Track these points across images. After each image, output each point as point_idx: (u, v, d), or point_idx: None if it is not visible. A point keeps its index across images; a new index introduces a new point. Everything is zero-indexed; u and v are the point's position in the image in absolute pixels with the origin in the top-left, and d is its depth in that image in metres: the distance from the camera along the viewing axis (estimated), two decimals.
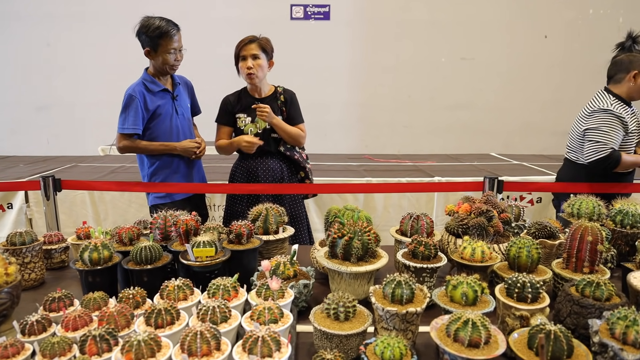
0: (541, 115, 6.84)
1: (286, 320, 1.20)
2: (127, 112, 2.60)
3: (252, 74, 2.61)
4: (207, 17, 6.44)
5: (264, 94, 2.76)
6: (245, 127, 2.70)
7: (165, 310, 1.21)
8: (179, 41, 2.62)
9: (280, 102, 2.75)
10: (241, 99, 2.75)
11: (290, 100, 2.78)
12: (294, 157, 2.76)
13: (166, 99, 2.69)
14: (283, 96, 2.77)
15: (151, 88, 2.64)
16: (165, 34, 2.54)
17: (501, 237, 1.71)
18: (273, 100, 2.74)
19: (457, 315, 1.05)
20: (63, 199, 3.45)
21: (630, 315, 1.04)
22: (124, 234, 1.69)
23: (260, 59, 2.61)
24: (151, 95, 2.63)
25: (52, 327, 1.25)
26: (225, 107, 2.76)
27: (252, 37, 2.64)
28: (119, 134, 2.64)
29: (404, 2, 6.45)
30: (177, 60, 2.63)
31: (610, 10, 6.56)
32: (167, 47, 2.56)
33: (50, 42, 6.44)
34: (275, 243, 1.75)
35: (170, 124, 2.69)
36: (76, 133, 6.67)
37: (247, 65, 2.60)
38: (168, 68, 2.64)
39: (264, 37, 2.68)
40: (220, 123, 2.79)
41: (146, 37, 2.58)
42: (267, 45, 2.65)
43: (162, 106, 2.66)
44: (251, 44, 2.61)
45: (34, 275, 1.73)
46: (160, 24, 2.56)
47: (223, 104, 2.78)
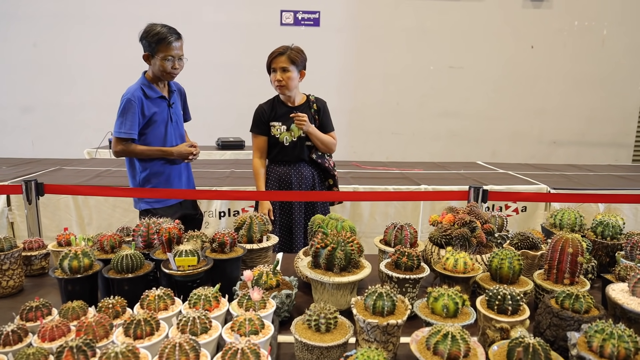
0: (527, 124, 6.94)
1: (267, 331, 1.19)
2: (125, 116, 2.59)
3: (282, 87, 2.67)
4: (197, 21, 6.42)
5: (297, 102, 2.81)
6: (281, 136, 2.75)
7: (145, 320, 1.19)
8: (179, 49, 2.61)
9: (314, 111, 2.81)
10: (275, 107, 2.79)
11: (323, 109, 2.85)
12: (324, 165, 2.83)
13: (162, 106, 2.69)
14: (316, 105, 2.83)
15: (149, 94, 2.64)
16: (163, 40, 2.54)
17: (484, 248, 1.72)
18: (306, 108, 2.80)
19: (437, 328, 1.05)
20: (46, 202, 3.40)
21: (607, 328, 1.05)
22: (106, 241, 1.67)
23: (289, 71, 2.65)
24: (148, 102, 2.63)
25: (29, 337, 1.23)
26: (260, 116, 2.79)
27: (282, 49, 2.67)
28: (115, 137, 2.62)
29: (394, 10, 6.50)
30: (175, 68, 2.61)
31: (594, 22, 6.68)
32: (165, 53, 2.56)
33: (36, 43, 6.37)
34: (259, 252, 1.74)
35: (164, 131, 2.69)
36: (62, 135, 6.59)
37: (277, 78, 2.66)
38: (165, 75, 2.63)
39: (296, 47, 2.70)
40: (255, 133, 2.81)
41: (146, 42, 2.60)
42: (297, 57, 2.67)
43: (158, 113, 2.66)
44: (281, 56, 2.64)
45: (13, 283, 1.70)
46: (160, 30, 2.56)
47: (257, 113, 2.81)
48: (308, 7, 6.38)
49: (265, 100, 2.86)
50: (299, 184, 2.79)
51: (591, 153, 6.99)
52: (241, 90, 5.97)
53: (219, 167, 4.34)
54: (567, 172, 4.46)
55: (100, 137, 5.49)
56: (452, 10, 6.54)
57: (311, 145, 2.80)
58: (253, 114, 2.84)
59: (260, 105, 2.83)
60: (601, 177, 4.23)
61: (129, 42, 6.42)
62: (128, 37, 6.38)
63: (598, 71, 6.80)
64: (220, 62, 6.46)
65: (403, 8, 6.50)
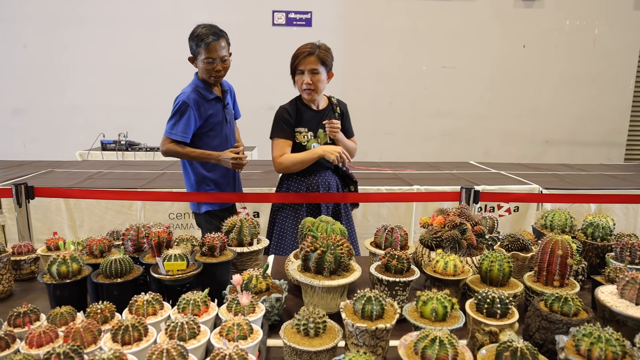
0: (519, 124, 6.97)
1: (255, 336, 1.19)
2: (179, 118, 2.52)
3: (311, 91, 2.43)
4: (189, 22, 6.35)
5: (321, 106, 2.59)
6: (308, 143, 2.53)
7: (133, 326, 1.19)
8: (221, 50, 2.47)
9: (338, 115, 2.61)
10: (300, 111, 2.53)
11: (346, 112, 2.68)
12: (347, 172, 2.70)
13: (217, 107, 2.64)
14: (339, 108, 2.64)
15: (205, 95, 2.57)
16: (202, 41, 2.44)
17: (475, 250, 1.72)
18: (330, 112, 2.60)
19: (425, 333, 1.05)
20: (37, 205, 3.38)
21: (595, 332, 1.06)
22: (95, 245, 1.66)
23: (319, 73, 2.39)
24: (204, 103, 2.56)
25: (16, 343, 1.22)
26: (285, 121, 2.50)
27: (310, 48, 2.39)
28: (166, 137, 2.56)
29: (386, 11, 6.51)
30: (218, 70, 2.50)
31: (586, 22, 6.72)
32: (206, 55, 2.46)
33: (26, 44, 6.32)
34: (249, 255, 1.74)
35: (221, 133, 2.64)
36: (53, 137, 6.56)
37: (306, 81, 2.39)
38: (208, 77, 2.54)
39: (324, 46, 2.43)
40: (280, 137, 2.50)
41: (189, 44, 2.53)
42: (327, 57, 2.41)
43: (215, 115, 2.61)
44: (310, 57, 2.37)
45: (1, 288, 1.68)
46: (200, 31, 2.45)
47: (281, 117, 2.51)
48: (300, 7, 6.38)
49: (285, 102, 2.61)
50: (327, 192, 2.62)
51: (583, 152, 7.04)
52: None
53: None
54: (559, 171, 4.49)
55: (92, 138, 5.46)
56: (444, 10, 6.56)
57: None
58: (274, 117, 2.56)
59: (283, 108, 2.53)
60: (593, 177, 4.26)
61: (121, 44, 6.47)
62: (120, 38, 6.42)
63: (590, 70, 6.84)
64: None
65: (395, 8, 6.51)
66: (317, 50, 2.39)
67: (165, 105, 7.21)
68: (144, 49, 6.40)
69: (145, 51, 6.41)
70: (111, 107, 6.48)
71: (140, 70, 6.43)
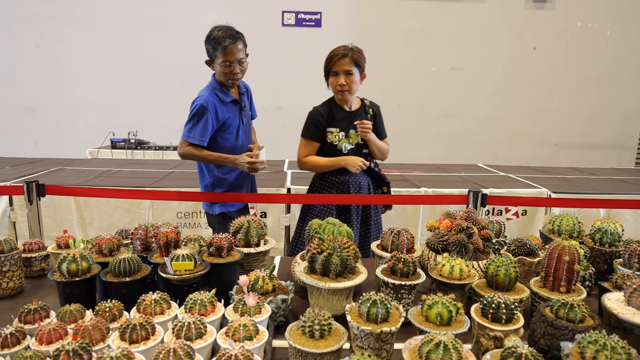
0: (529, 126, 6.93)
1: (261, 337, 1.20)
2: (197, 122, 2.50)
3: (345, 92, 2.50)
4: (199, 22, 6.41)
5: (354, 107, 2.64)
6: (339, 143, 2.58)
7: (141, 325, 1.20)
8: (238, 52, 2.45)
9: (370, 116, 2.65)
10: (332, 112, 2.59)
11: (378, 114, 2.71)
12: (380, 173, 2.73)
13: (235, 110, 2.63)
14: (372, 109, 2.68)
15: (222, 98, 2.56)
16: (219, 44, 2.41)
17: (481, 254, 1.72)
18: (363, 113, 2.64)
19: (429, 337, 1.05)
20: (48, 202, 3.42)
21: (600, 339, 1.05)
22: (104, 244, 1.68)
23: (353, 74, 2.47)
24: (222, 106, 2.55)
25: (27, 339, 1.24)
26: (316, 121, 2.57)
27: (344, 50, 2.47)
28: (183, 140, 2.54)
29: (395, 12, 6.50)
30: (235, 72, 2.48)
31: (598, 23, 6.67)
32: (223, 58, 2.43)
33: (38, 43, 6.40)
34: (256, 256, 1.75)
35: (237, 135, 2.64)
36: (64, 135, 6.63)
37: (340, 82, 2.47)
38: (225, 80, 2.53)
39: (356, 48, 2.50)
40: (308, 138, 2.60)
41: (206, 47, 2.51)
42: (360, 59, 2.49)
43: (232, 118, 2.59)
44: (344, 58, 2.45)
45: (12, 284, 1.71)
46: (217, 34, 2.43)
47: (313, 117, 2.59)
48: (309, 8, 6.39)
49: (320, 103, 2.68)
50: (357, 192, 2.65)
51: (593, 155, 6.98)
52: None
53: None
54: (568, 175, 4.46)
55: (102, 137, 5.52)
56: (454, 12, 6.54)
57: (367, 153, 2.65)
58: (306, 117, 2.63)
59: (316, 109, 2.61)
60: (603, 181, 4.22)
61: (132, 43, 6.52)
62: (131, 38, 6.48)
63: (601, 73, 6.79)
64: None
65: (404, 9, 6.50)
66: (351, 52, 2.46)
67: (175, 104, 7.28)
68: (154, 49, 6.46)
69: (156, 51, 6.46)
70: (121, 106, 6.54)
71: (151, 69, 6.49)
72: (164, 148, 5.40)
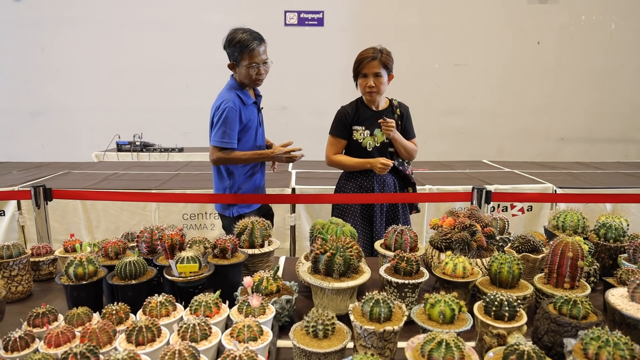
0: (534, 121, 6.90)
1: (265, 337, 1.21)
2: (228, 126, 2.51)
3: (374, 93, 2.56)
4: (200, 22, 6.47)
5: (381, 106, 2.70)
6: (364, 141, 2.64)
7: (147, 327, 1.22)
8: (263, 54, 2.53)
9: (397, 116, 2.70)
10: (359, 110, 2.67)
11: (406, 114, 2.75)
12: (405, 172, 2.73)
13: (254, 111, 2.68)
14: (399, 110, 2.72)
15: (244, 100, 2.60)
16: (246, 47, 2.46)
17: (485, 251, 1.72)
18: (390, 113, 2.69)
19: (431, 336, 1.06)
20: (55, 206, 3.45)
21: (603, 335, 1.05)
22: (110, 248, 1.70)
23: (381, 76, 2.53)
24: (244, 108, 2.60)
25: (35, 343, 1.26)
26: (343, 119, 2.67)
27: (373, 53, 2.53)
28: (214, 146, 2.55)
29: (398, 9, 6.49)
30: (260, 74, 2.55)
31: (602, 16, 6.62)
32: (249, 61, 2.49)
33: (44, 47, 6.44)
34: (260, 257, 1.76)
35: (256, 136, 2.69)
36: (71, 138, 6.69)
37: (369, 84, 2.53)
38: (250, 82, 2.58)
39: (385, 50, 2.56)
40: (335, 135, 2.69)
41: (229, 51, 2.54)
42: (389, 61, 2.55)
43: (253, 120, 2.64)
44: (373, 61, 2.51)
45: (21, 288, 1.73)
46: (241, 37, 2.47)
47: (340, 115, 2.68)
48: (312, 7, 6.39)
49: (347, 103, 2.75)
50: (381, 192, 2.69)
51: (600, 149, 6.93)
52: None
53: None
54: (574, 170, 4.44)
55: (108, 139, 5.56)
56: (456, 8, 6.51)
57: (393, 152, 2.69)
58: (334, 116, 2.72)
59: (344, 108, 2.70)
60: (609, 175, 4.20)
61: (135, 46, 6.56)
62: (134, 40, 6.51)
63: (606, 66, 6.73)
64: (224, 64, 6.48)
65: (406, 6, 6.49)
66: (380, 54, 2.52)
67: (179, 106, 7.31)
68: (158, 51, 6.49)
69: (159, 52, 6.49)
70: (126, 109, 6.59)
71: (154, 71, 6.52)
72: (169, 150, 5.43)
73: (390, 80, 2.63)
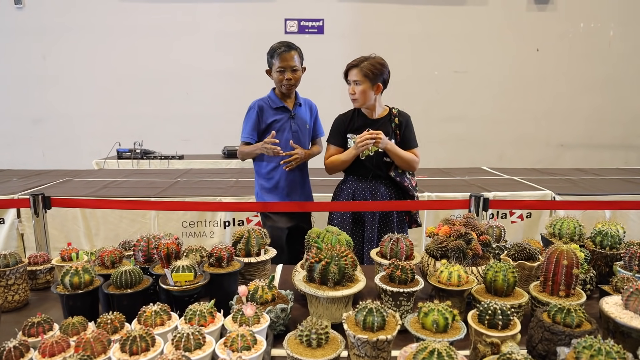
0: (534, 127, 6.90)
1: (259, 347, 1.21)
2: (246, 122, 2.83)
3: (354, 100, 2.62)
4: (203, 31, 6.51)
5: (378, 115, 2.68)
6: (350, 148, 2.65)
7: (141, 337, 1.22)
8: (290, 60, 2.68)
9: (395, 125, 2.66)
10: (354, 119, 2.70)
11: (406, 124, 2.69)
12: (403, 184, 2.67)
13: (283, 115, 2.82)
14: (398, 119, 2.68)
15: (271, 104, 2.82)
16: (274, 52, 2.70)
17: (481, 259, 1.72)
18: (386, 122, 2.67)
19: (424, 345, 1.06)
20: (55, 214, 3.46)
21: (595, 344, 1.05)
22: (106, 256, 1.70)
23: (360, 84, 2.55)
24: (270, 110, 2.80)
25: (30, 352, 1.26)
26: (337, 127, 2.72)
27: (356, 61, 2.57)
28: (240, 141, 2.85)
29: (397, 16, 6.52)
30: (288, 79, 2.70)
31: (600, 24, 6.64)
32: (278, 65, 2.69)
33: (45, 55, 6.49)
34: (256, 265, 1.76)
35: (282, 138, 2.77)
36: (71, 145, 6.71)
37: (349, 91, 2.62)
38: (280, 86, 2.76)
39: (372, 60, 2.56)
40: (331, 143, 2.73)
41: (268, 57, 2.78)
42: (371, 70, 2.54)
43: (278, 121, 2.80)
44: (353, 69, 2.57)
45: (18, 297, 1.74)
46: (275, 45, 2.73)
47: (335, 123, 2.75)
48: (312, 15, 6.43)
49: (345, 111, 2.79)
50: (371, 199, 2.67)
51: (600, 156, 6.93)
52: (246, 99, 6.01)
53: (225, 177, 4.38)
54: (573, 176, 4.43)
55: (108, 147, 5.57)
56: (456, 15, 6.54)
57: (390, 162, 2.64)
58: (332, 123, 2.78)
59: (340, 116, 2.76)
60: (608, 182, 4.20)
61: (136, 53, 6.59)
62: (135, 48, 6.55)
63: (605, 72, 6.75)
64: (225, 71, 6.54)
65: (406, 14, 6.52)
66: (362, 63, 2.55)
67: (180, 114, 7.32)
68: (159, 58, 6.52)
69: (160, 60, 6.53)
70: (127, 116, 6.61)
71: (155, 79, 6.55)
72: (169, 157, 5.45)
73: (378, 90, 2.60)
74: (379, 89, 2.60)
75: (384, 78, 2.61)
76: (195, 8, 6.44)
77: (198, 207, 3.07)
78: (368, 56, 2.59)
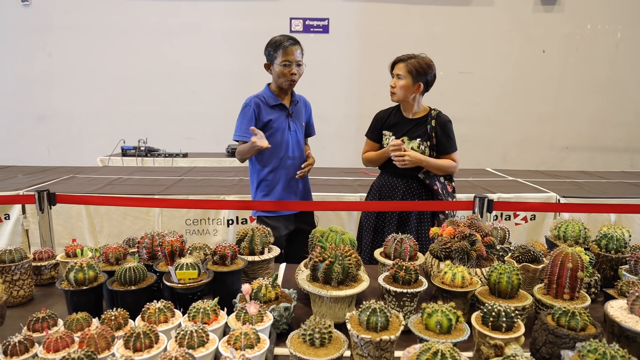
0: (539, 129, 6.87)
1: (262, 345, 1.21)
2: (240, 120, 2.71)
3: (392, 94, 2.65)
4: (207, 30, 6.51)
5: (415, 114, 2.69)
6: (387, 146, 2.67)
7: (144, 333, 1.22)
8: (296, 53, 2.61)
9: (430, 127, 2.63)
10: (391, 115, 2.74)
11: (443, 127, 2.64)
12: (432, 187, 2.64)
13: (281, 113, 2.72)
14: (435, 121, 2.63)
15: (267, 101, 2.70)
16: (279, 45, 2.59)
17: (485, 261, 1.72)
18: (422, 123, 2.65)
19: (427, 346, 1.06)
20: (59, 210, 3.48)
21: (600, 348, 1.05)
22: (111, 253, 1.71)
23: (402, 79, 2.58)
24: (267, 108, 2.69)
25: (35, 347, 1.27)
26: (375, 122, 2.78)
27: (404, 56, 2.63)
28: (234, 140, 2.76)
29: (403, 17, 6.51)
30: (293, 73, 2.62)
31: (608, 25, 6.60)
32: (283, 58, 2.59)
33: (51, 52, 6.51)
34: (260, 264, 1.77)
35: (281, 138, 2.71)
36: (76, 142, 6.74)
37: (390, 84, 2.64)
38: (283, 81, 2.65)
39: (419, 58, 2.61)
40: (368, 137, 2.81)
41: (266, 52, 2.67)
42: (415, 68, 2.57)
43: (276, 120, 2.69)
44: (400, 63, 2.62)
45: (23, 292, 1.74)
46: (277, 38, 2.63)
47: (375, 118, 2.80)
48: (317, 14, 6.43)
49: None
50: (405, 198, 2.66)
51: (605, 158, 6.89)
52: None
53: (228, 175, 4.38)
54: (578, 179, 4.42)
55: (113, 144, 5.59)
56: (461, 16, 6.52)
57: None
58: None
59: (380, 111, 2.80)
60: (613, 185, 4.18)
61: (141, 51, 6.61)
62: (140, 46, 6.57)
63: (612, 75, 6.71)
64: (229, 70, 6.55)
65: (411, 14, 6.50)
66: (409, 59, 2.60)
67: (184, 112, 7.33)
68: (164, 57, 6.54)
69: (165, 59, 6.54)
70: (131, 114, 6.63)
71: (160, 77, 6.57)
72: (173, 155, 5.46)
73: (419, 89, 2.61)
74: (419, 88, 2.60)
75: (427, 79, 2.61)
76: (200, 7, 6.45)
77: (202, 204, 3.07)
78: (417, 54, 2.63)
